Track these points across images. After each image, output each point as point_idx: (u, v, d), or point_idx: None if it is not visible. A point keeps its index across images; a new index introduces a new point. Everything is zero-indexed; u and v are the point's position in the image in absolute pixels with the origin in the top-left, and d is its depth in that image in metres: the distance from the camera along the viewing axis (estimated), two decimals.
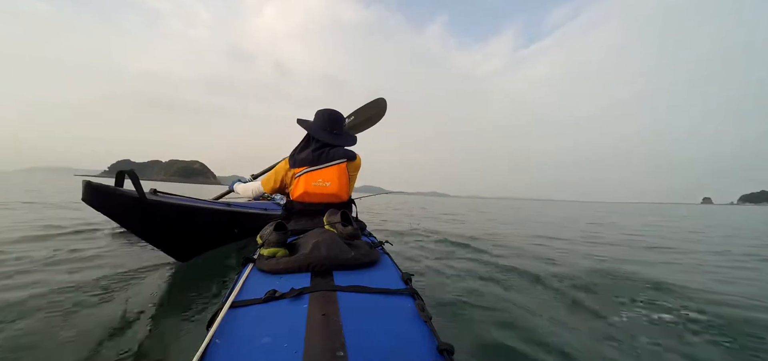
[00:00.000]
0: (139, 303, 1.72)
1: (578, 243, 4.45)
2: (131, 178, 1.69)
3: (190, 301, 1.77)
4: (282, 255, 1.08)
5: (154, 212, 1.86)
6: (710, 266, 3.21)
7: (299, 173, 1.78)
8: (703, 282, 2.48)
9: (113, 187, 1.64)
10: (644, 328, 1.63)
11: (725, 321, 1.68)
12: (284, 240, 1.13)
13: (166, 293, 1.91)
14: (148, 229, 1.93)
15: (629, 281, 2.36)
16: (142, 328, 1.47)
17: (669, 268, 3.08)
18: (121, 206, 1.69)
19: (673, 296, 2.04)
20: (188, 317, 1.58)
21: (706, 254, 3.97)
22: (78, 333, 1.39)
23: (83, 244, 2.96)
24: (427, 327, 0.72)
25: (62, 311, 1.58)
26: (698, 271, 3.00)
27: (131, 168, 1.71)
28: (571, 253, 3.42)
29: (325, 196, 1.77)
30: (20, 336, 1.33)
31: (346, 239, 1.20)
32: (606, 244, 4.37)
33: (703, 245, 4.85)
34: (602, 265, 2.90)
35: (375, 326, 0.72)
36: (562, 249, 3.53)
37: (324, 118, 1.89)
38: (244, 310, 0.79)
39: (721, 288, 2.31)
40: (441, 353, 0.64)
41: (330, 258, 1.01)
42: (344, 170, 1.81)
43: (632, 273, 2.55)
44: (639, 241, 5.03)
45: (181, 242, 2.17)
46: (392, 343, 0.66)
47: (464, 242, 3.75)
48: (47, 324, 1.45)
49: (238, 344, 0.66)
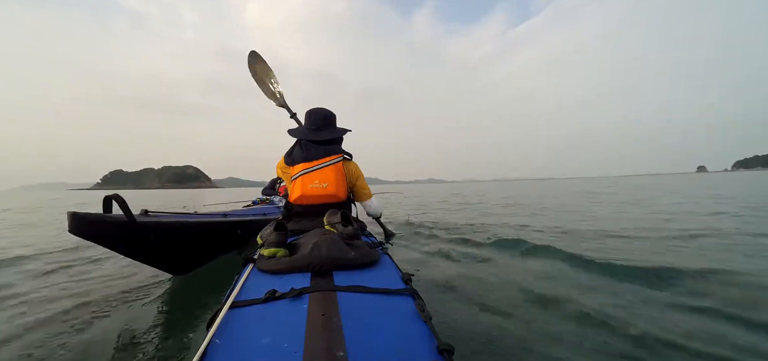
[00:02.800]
0: (139, 303, 1.73)
1: (579, 229, 4.44)
2: (118, 203, 1.67)
3: (190, 301, 1.77)
4: (282, 255, 1.08)
5: (145, 233, 1.83)
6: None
7: (295, 175, 1.78)
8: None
9: (101, 214, 1.63)
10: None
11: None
12: (284, 240, 1.13)
13: (167, 293, 1.91)
14: (140, 251, 1.90)
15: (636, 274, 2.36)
16: (142, 328, 1.47)
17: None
18: (110, 232, 1.66)
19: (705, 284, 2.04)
20: (188, 317, 1.58)
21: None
22: (78, 333, 1.39)
23: (83, 245, 2.96)
24: (427, 327, 0.72)
25: (62, 311, 1.58)
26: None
27: (124, 180, 1.67)
28: (571, 242, 3.41)
29: (323, 197, 1.77)
30: (23, 335, 1.33)
31: (346, 239, 1.20)
32: (612, 237, 4.36)
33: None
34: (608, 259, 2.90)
35: (375, 326, 0.72)
36: (558, 233, 3.51)
37: (310, 118, 1.91)
38: (244, 310, 0.79)
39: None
40: (441, 353, 0.63)
41: (330, 258, 1.01)
42: (341, 170, 1.81)
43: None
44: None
45: (175, 259, 2.13)
46: (392, 343, 0.66)
47: (462, 236, 3.74)
48: (47, 324, 1.45)
49: (238, 344, 0.66)
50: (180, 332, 1.43)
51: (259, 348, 0.64)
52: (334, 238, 1.12)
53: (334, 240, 1.09)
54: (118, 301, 1.77)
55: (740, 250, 2.82)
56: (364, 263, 1.07)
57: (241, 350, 0.64)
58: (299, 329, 0.68)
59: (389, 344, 0.65)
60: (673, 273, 2.12)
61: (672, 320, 1.54)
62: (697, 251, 2.84)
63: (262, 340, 0.66)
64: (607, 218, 5.22)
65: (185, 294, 1.90)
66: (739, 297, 1.76)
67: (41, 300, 1.79)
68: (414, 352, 0.64)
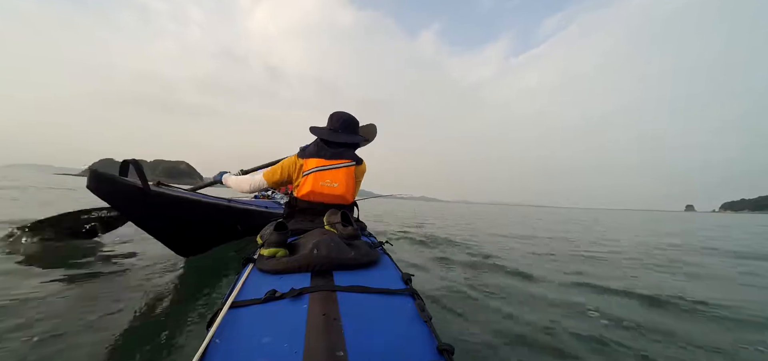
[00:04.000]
0: (140, 303, 1.72)
1: (576, 249, 4.45)
2: (136, 168, 1.68)
3: (190, 301, 1.77)
4: (282, 255, 1.08)
5: (157, 204, 1.84)
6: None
7: (308, 171, 1.78)
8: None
9: (118, 176, 1.64)
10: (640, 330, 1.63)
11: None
12: (284, 240, 1.13)
13: (166, 293, 1.91)
14: (150, 220, 1.91)
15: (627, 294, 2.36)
16: (142, 328, 1.47)
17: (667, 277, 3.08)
18: (125, 196, 1.68)
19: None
20: (188, 317, 1.58)
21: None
22: (78, 334, 1.39)
23: (84, 243, 2.96)
24: (427, 327, 0.72)
25: (61, 311, 1.58)
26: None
27: (113, 169, 1.68)
28: (567, 258, 3.43)
29: (332, 197, 1.77)
30: (19, 337, 1.33)
31: (346, 239, 1.20)
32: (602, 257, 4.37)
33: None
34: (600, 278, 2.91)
35: (375, 326, 0.72)
36: (555, 251, 3.53)
37: (332, 120, 1.91)
38: (244, 310, 0.79)
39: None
40: (441, 353, 0.64)
41: (330, 258, 1.01)
42: (352, 173, 1.82)
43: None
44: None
45: (183, 236, 2.14)
46: (392, 343, 0.66)
47: (461, 243, 3.75)
48: (45, 325, 1.45)
49: (238, 344, 0.66)
50: (180, 332, 1.43)
51: (259, 348, 0.64)
52: (334, 238, 1.12)
53: (334, 240, 1.09)
54: (117, 301, 1.77)
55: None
56: (364, 263, 1.07)
57: (241, 350, 0.64)
58: (299, 329, 0.68)
59: (389, 344, 0.65)
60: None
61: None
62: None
63: (262, 340, 0.66)
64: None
65: (185, 294, 1.90)
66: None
67: (37, 299, 1.79)
68: (414, 352, 0.64)
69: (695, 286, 2.52)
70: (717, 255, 4.36)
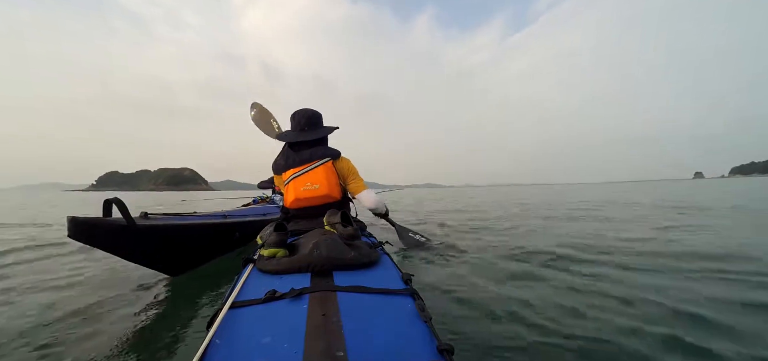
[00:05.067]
0: (139, 303, 1.73)
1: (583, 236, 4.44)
2: (118, 207, 1.68)
3: (190, 301, 1.77)
4: (282, 256, 1.08)
5: (145, 236, 1.83)
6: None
7: (287, 180, 1.77)
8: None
9: (100, 218, 1.64)
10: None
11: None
12: (284, 241, 1.13)
13: (166, 293, 1.91)
14: (139, 254, 1.90)
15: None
16: (142, 328, 1.47)
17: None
18: (110, 236, 1.67)
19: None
20: (188, 317, 1.58)
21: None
22: (78, 334, 1.39)
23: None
24: (427, 327, 0.72)
25: (61, 312, 1.58)
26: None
27: (119, 181, 1.68)
28: (574, 245, 3.42)
29: (317, 198, 1.75)
30: (26, 334, 1.33)
31: (346, 239, 1.20)
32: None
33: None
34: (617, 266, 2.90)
35: (375, 326, 0.72)
36: (564, 238, 3.52)
37: (295, 120, 1.89)
38: (244, 310, 0.79)
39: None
40: (441, 353, 0.63)
41: (330, 258, 1.01)
42: (331, 169, 1.79)
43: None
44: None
45: (174, 260, 2.13)
46: (392, 343, 0.66)
47: (464, 234, 3.74)
48: (43, 325, 1.45)
49: (238, 344, 0.66)
50: (180, 332, 1.43)
51: (259, 348, 0.64)
52: (334, 238, 1.12)
53: (334, 240, 1.09)
54: (117, 301, 1.77)
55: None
56: (364, 263, 1.07)
57: (241, 350, 0.64)
58: (299, 329, 0.68)
59: (389, 344, 0.65)
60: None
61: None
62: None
63: (262, 340, 0.66)
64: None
65: (185, 294, 1.90)
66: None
67: (36, 299, 1.79)
68: (414, 352, 0.64)
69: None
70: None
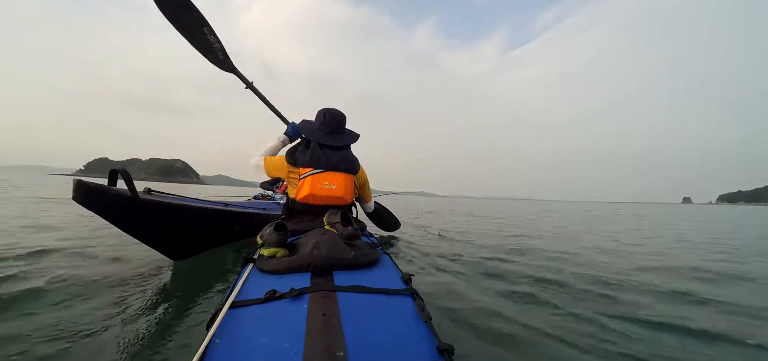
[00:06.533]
0: (139, 303, 1.72)
1: (579, 245, 4.45)
2: (124, 177, 1.67)
3: (190, 301, 1.77)
4: (282, 255, 1.08)
5: (148, 211, 1.83)
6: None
7: (304, 174, 1.77)
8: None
9: (106, 186, 1.62)
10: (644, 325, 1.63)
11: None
12: (284, 240, 1.13)
13: (166, 293, 1.90)
14: (141, 228, 1.90)
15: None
16: (142, 328, 1.47)
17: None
18: (113, 206, 1.67)
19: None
20: (188, 317, 1.58)
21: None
22: (78, 334, 1.38)
23: (82, 243, 2.96)
24: (427, 327, 0.72)
25: (61, 311, 1.58)
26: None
27: (112, 167, 1.68)
28: (571, 259, 3.43)
29: (331, 198, 1.77)
30: (21, 337, 1.33)
31: (347, 239, 1.21)
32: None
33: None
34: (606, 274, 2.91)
35: (375, 326, 0.72)
36: (559, 248, 3.54)
37: (321, 119, 1.89)
38: (244, 310, 0.79)
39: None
40: (441, 353, 0.64)
41: (330, 258, 1.01)
42: (351, 179, 1.83)
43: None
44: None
45: (175, 241, 2.13)
46: (392, 343, 0.66)
47: (464, 240, 3.75)
48: (43, 324, 1.45)
49: (238, 344, 0.66)
50: (180, 332, 1.43)
51: (259, 348, 0.64)
52: (334, 238, 1.12)
53: (334, 240, 1.09)
54: (116, 300, 1.76)
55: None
56: (364, 263, 1.07)
57: (241, 350, 0.64)
58: (299, 329, 0.68)
59: (389, 344, 0.66)
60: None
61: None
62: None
63: (262, 340, 0.66)
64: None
65: (185, 294, 1.89)
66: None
67: (35, 298, 1.79)
68: (414, 352, 0.64)
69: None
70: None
